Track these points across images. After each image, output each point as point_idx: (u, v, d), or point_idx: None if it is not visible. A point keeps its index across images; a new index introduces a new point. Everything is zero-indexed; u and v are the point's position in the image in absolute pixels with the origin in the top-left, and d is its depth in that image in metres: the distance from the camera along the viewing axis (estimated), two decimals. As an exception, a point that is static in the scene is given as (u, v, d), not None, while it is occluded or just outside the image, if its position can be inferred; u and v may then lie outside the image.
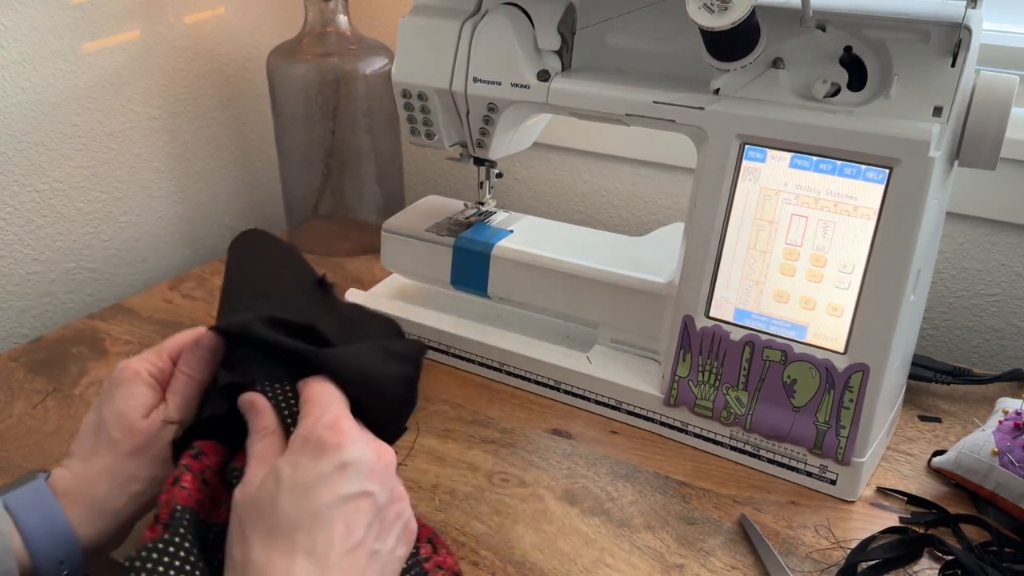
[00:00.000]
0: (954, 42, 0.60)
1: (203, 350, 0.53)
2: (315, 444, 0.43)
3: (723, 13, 0.58)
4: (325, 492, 0.42)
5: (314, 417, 0.45)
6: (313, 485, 0.42)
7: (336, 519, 0.41)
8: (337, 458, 0.43)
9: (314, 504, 0.41)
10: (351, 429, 0.45)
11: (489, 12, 0.75)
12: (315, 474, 0.42)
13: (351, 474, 0.43)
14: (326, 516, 0.41)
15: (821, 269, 0.65)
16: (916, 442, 0.74)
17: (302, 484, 0.42)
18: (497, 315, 0.86)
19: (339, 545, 0.41)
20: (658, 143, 1.01)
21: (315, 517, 0.41)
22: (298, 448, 0.44)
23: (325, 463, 0.43)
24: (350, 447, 0.43)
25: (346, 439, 0.44)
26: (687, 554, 0.61)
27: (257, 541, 0.41)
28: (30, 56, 0.87)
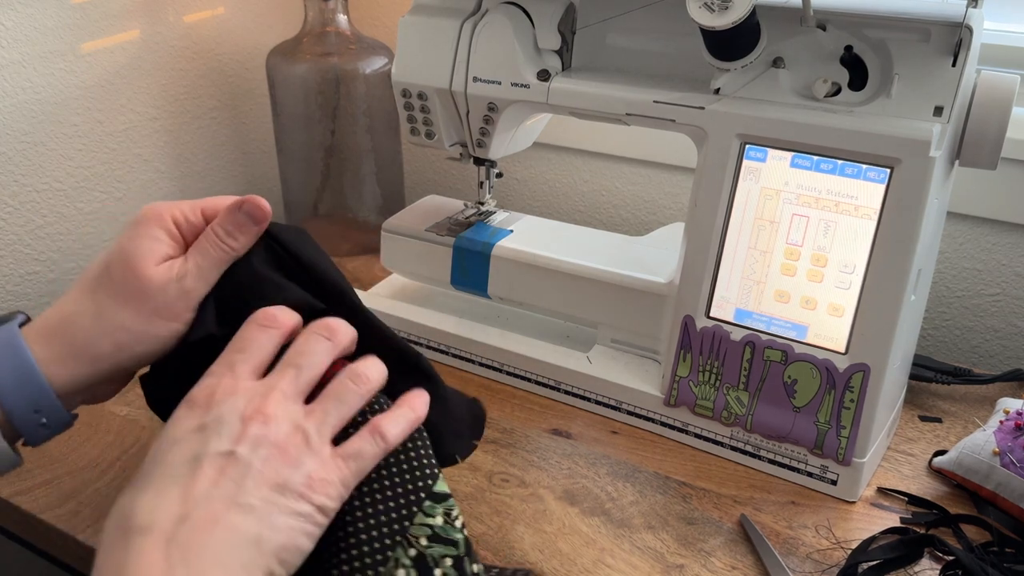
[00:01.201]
0: (955, 41, 0.60)
1: (245, 216, 0.49)
2: (185, 405, 0.43)
3: (723, 12, 0.58)
4: (182, 450, 0.41)
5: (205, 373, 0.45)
6: (175, 441, 0.42)
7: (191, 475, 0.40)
8: (199, 418, 0.42)
9: (171, 458, 0.41)
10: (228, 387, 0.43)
11: (489, 11, 0.75)
12: (180, 431, 0.42)
13: (211, 434, 0.41)
14: (178, 471, 0.41)
15: (822, 269, 0.65)
16: (917, 442, 0.74)
17: (168, 440, 0.42)
18: (497, 315, 0.86)
19: (193, 497, 0.39)
20: (658, 143, 1.01)
21: (168, 471, 0.41)
22: (179, 407, 0.44)
23: (188, 423, 0.42)
24: (216, 408, 0.42)
25: (214, 399, 0.43)
26: (687, 554, 0.61)
27: (123, 494, 0.41)
28: (30, 56, 0.87)
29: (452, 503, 0.47)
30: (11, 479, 0.66)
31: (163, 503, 0.39)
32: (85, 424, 0.73)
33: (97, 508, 0.63)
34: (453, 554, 0.45)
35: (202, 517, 0.39)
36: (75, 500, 0.64)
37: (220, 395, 0.43)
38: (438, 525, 0.45)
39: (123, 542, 0.38)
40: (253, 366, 0.45)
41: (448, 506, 0.46)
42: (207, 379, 0.44)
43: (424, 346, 0.85)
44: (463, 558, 0.45)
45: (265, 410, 0.42)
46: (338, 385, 0.46)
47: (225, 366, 0.44)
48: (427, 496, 0.46)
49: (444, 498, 0.46)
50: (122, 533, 0.39)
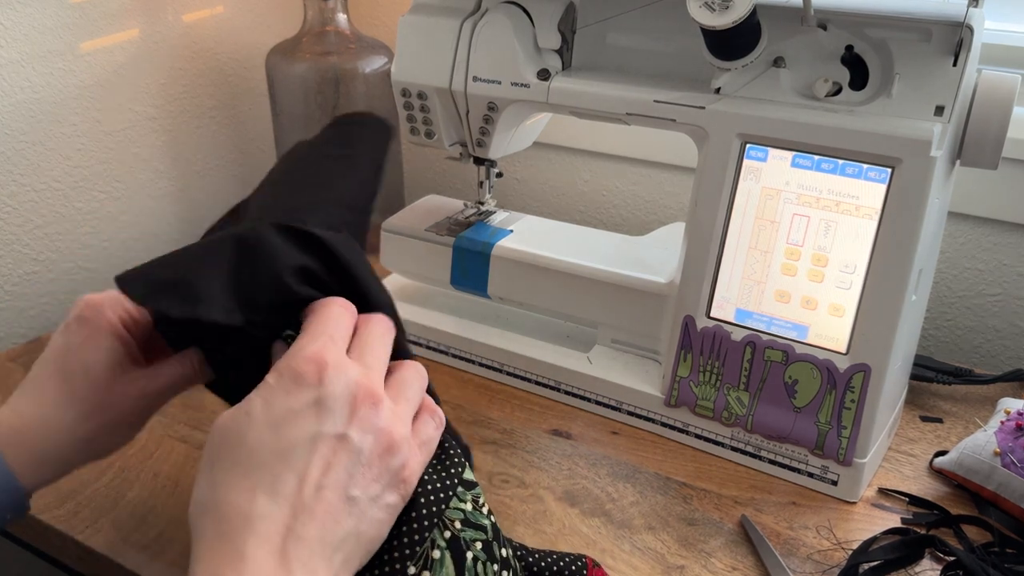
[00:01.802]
0: (956, 41, 0.60)
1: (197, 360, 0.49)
2: (291, 377, 0.40)
3: (724, 12, 0.58)
4: (295, 429, 0.39)
5: (299, 346, 0.41)
6: (283, 421, 0.39)
7: (307, 458, 0.38)
8: (312, 393, 0.39)
9: (282, 441, 0.38)
10: (337, 362, 0.40)
11: (489, 11, 0.75)
12: (286, 409, 0.39)
13: (326, 413, 0.39)
14: (295, 454, 0.38)
15: (823, 269, 0.65)
16: (918, 443, 0.74)
17: (272, 419, 0.39)
18: (497, 315, 0.86)
19: (310, 486, 0.38)
20: (659, 142, 1.01)
21: (282, 455, 0.38)
22: (274, 380, 0.40)
23: (298, 398, 0.39)
24: (330, 383, 0.39)
25: (327, 373, 0.40)
26: (688, 555, 0.61)
27: (221, 475, 0.38)
28: (29, 55, 0.87)
29: (479, 491, 0.47)
30: (10, 480, 0.66)
31: (282, 491, 0.38)
32: (84, 424, 0.73)
33: (96, 509, 0.63)
34: (482, 538, 0.45)
35: (317, 510, 0.38)
36: (74, 500, 0.64)
37: (331, 369, 0.40)
38: (468, 510, 0.46)
39: (240, 530, 0.37)
40: (347, 340, 0.43)
41: (476, 493, 0.47)
42: (311, 347, 0.41)
43: (424, 346, 0.85)
44: (491, 543, 0.46)
45: (375, 390, 0.41)
46: (412, 373, 0.45)
47: (327, 338, 0.41)
48: (459, 483, 0.46)
49: (472, 485, 0.47)
50: (239, 520, 0.37)
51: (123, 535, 0.61)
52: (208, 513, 0.38)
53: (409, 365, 0.45)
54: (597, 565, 0.53)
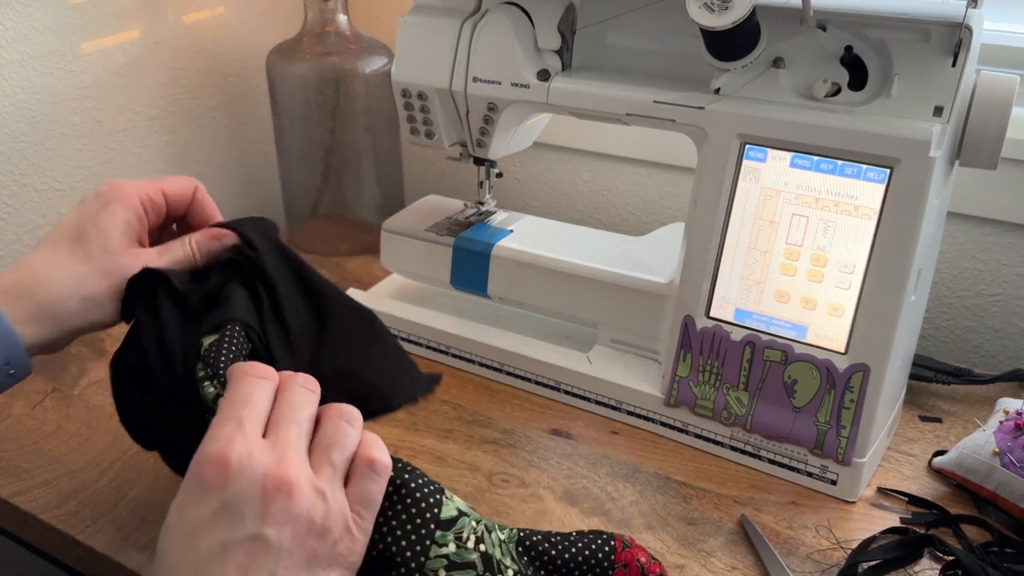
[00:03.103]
0: (955, 42, 0.60)
1: (220, 247, 0.54)
2: (196, 483, 0.38)
3: (723, 12, 0.58)
4: (205, 540, 0.37)
5: (207, 439, 0.39)
6: (194, 533, 0.37)
7: (219, 570, 0.36)
8: (217, 499, 0.37)
9: (195, 554, 0.37)
10: (241, 457, 0.38)
11: (489, 11, 0.75)
12: (195, 520, 0.37)
13: (234, 517, 0.37)
14: (208, 568, 0.37)
15: (822, 269, 0.65)
16: (917, 442, 0.74)
17: (184, 532, 0.38)
18: (497, 315, 0.86)
19: None
20: (658, 143, 1.01)
21: (197, 570, 0.37)
22: (184, 489, 0.39)
23: (205, 506, 0.37)
24: (234, 483, 0.37)
25: (230, 474, 0.37)
26: (688, 555, 0.61)
27: None
28: (29, 56, 0.87)
29: (463, 523, 0.46)
30: (11, 479, 0.66)
31: None
32: (84, 424, 0.73)
33: (96, 508, 0.63)
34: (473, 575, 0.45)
35: None
36: (74, 500, 0.64)
37: (236, 465, 0.38)
38: (452, 552, 0.44)
39: None
40: (260, 421, 0.41)
41: (459, 528, 0.45)
42: (216, 443, 0.39)
43: (424, 346, 0.85)
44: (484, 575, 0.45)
45: (287, 478, 0.38)
46: (335, 431, 0.42)
47: (234, 424, 0.40)
48: (437, 525, 0.45)
49: (452, 523, 0.45)
50: None
51: (124, 535, 0.61)
52: None
53: (333, 417, 0.43)
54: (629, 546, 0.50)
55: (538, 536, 0.50)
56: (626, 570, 0.49)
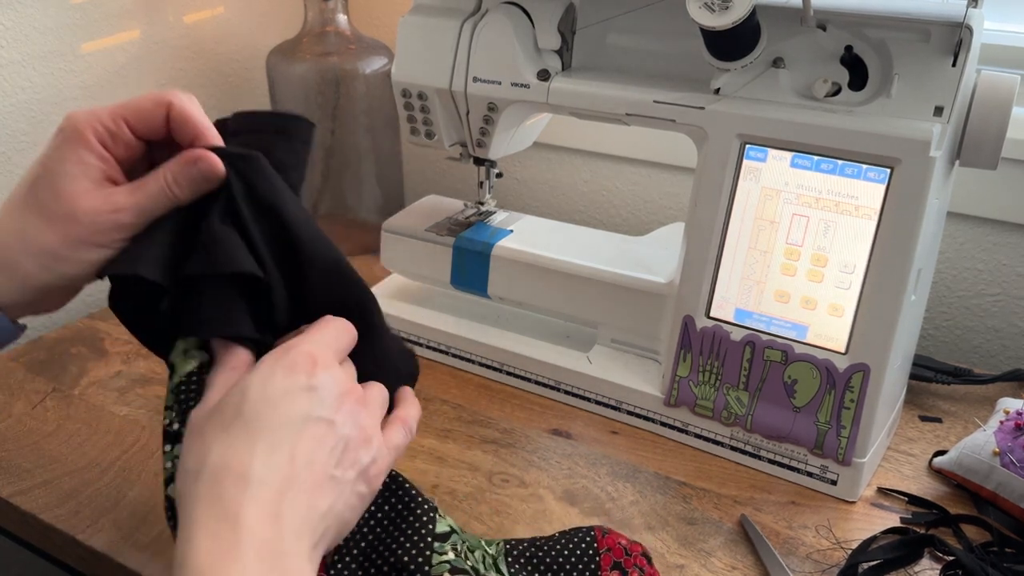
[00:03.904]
0: (955, 41, 0.60)
1: (199, 173, 0.46)
2: (287, 364, 0.43)
3: (724, 12, 0.58)
4: (290, 407, 0.41)
5: (295, 342, 0.44)
6: (279, 398, 0.41)
7: (299, 432, 0.41)
8: (305, 380, 0.42)
9: (280, 415, 0.41)
10: (327, 363, 0.44)
11: (489, 11, 0.75)
12: (282, 389, 0.42)
13: (318, 399, 0.42)
14: (288, 429, 0.41)
15: (822, 269, 0.65)
16: (917, 442, 0.74)
17: (269, 396, 0.41)
18: (497, 315, 0.86)
19: (300, 458, 0.41)
20: (658, 143, 1.01)
21: (277, 428, 0.41)
22: (270, 365, 0.43)
23: (294, 381, 0.42)
24: (319, 376, 0.43)
25: (317, 369, 0.43)
26: (687, 554, 0.61)
27: (216, 446, 0.40)
28: (30, 56, 0.87)
29: (454, 539, 0.49)
30: (11, 479, 0.66)
31: (276, 459, 0.40)
32: (84, 424, 0.73)
33: (97, 508, 0.63)
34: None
35: (306, 480, 0.40)
36: (75, 500, 0.64)
37: (322, 365, 0.43)
38: (452, 559, 0.48)
39: (237, 491, 0.39)
40: (341, 358, 0.46)
41: (454, 542, 0.49)
42: (306, 345, 0.44)
43: (424, 346, 0.85)
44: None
45: (359, 392, 0.45)
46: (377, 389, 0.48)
47: (323, 345, 0.45)
48: (433, 539, 0.48)
49: (446, 536, 0.49)
50: (235, 481, 0.39)
51: (124, 534, 0.61)
52: (202, 479, 0.40)
53: (376, 386, 0.48)
54: (607, 532, 0.54)
55: (524, 544, 0.52)
56: (611, 554, 0.52)
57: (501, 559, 0.52)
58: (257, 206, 0.47)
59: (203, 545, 0.37)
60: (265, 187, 0.47)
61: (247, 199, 0.47)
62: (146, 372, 0.81)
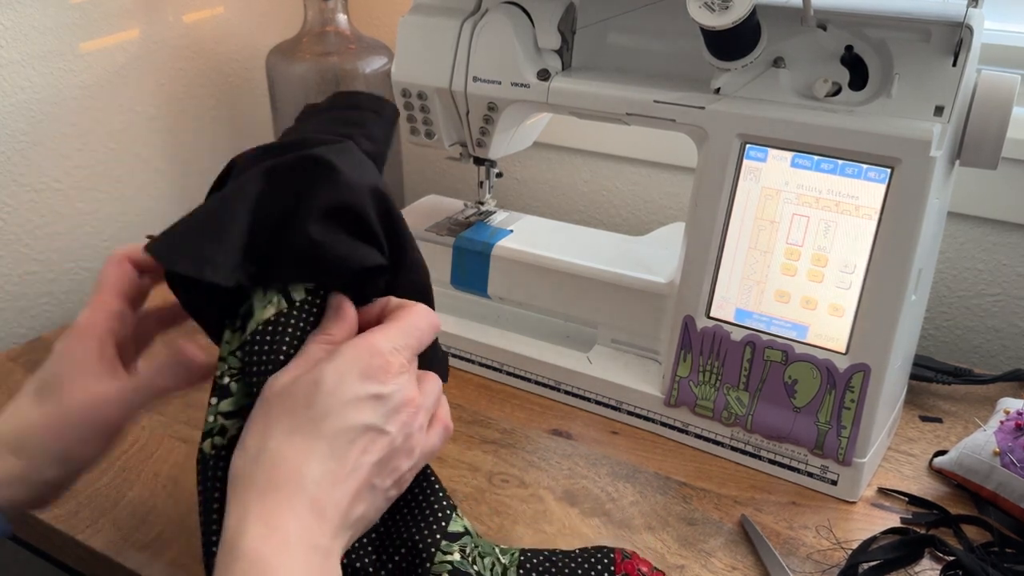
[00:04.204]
0: (955, 41, 0.60)
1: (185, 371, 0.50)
2: (365, 368, 0.43)
3: (724, 12, 0.58)
4: (357, 414, 0.42)
5: (390, 335, 0.45)
6: (350, 403, 0.42)
7: (355, 440, 0.42)
8: (376, 388, 0.43)
9: (345, 420, 0.42)
10: (404, 369, 0.45)
11: (489, 11, 0.75)
12: (354, 394, 0.43)
13: (382, 408, 0.43)
14: (351, 435, 0.42)
15: (822, 269, 0.65)
16: (917, 442, 0.74)
17: (341, 397, 0.42)
18: (497, 315, 0.86)
19: (351, 464, 0.42)
20: (658, 142, 1.01)
21: (341, 432, 0.42)
22: (348, 361, 0.43)
23: (367, 387, 0.43)
24: (393, 384, 0.44)
25: (395, 377, 0.44)
26: (688, 555, 0.61)
27: (279, 433, 0.42)
28: (29, 55, 0.87)
29: (467, 540, 0.49)
30: (10, 479, 0.66)
31: (332, 463, 0.41)
32: (84, 424, 0.73)
33: (96, 508, 0.63)
34: None
35: (351, 487, 0.42)
36: (74, 500, 0.64)
37: (396, 371, 0.44)
38: (456, 561, 0.48)
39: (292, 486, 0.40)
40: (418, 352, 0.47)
41: (463, 543, 0.49)
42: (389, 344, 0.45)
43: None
44: None
45: (417, 401, 0.45)
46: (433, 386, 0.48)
47: (404, 344, 0.45)
48: (443, 536, 0.48)
49: (458, 536, 0.49)
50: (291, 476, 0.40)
51: (124, 535, 0.61)
52: (261, 463, 0.41)
53: (433, 378, 0.48)
54: (629, 557, 0.53)
55: (540, 556, 0.51)
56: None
57: (513, 570, 0.51)
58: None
59: (256, 532, 0.39)
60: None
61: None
62: (146, 372, 0.81)
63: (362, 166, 0.48)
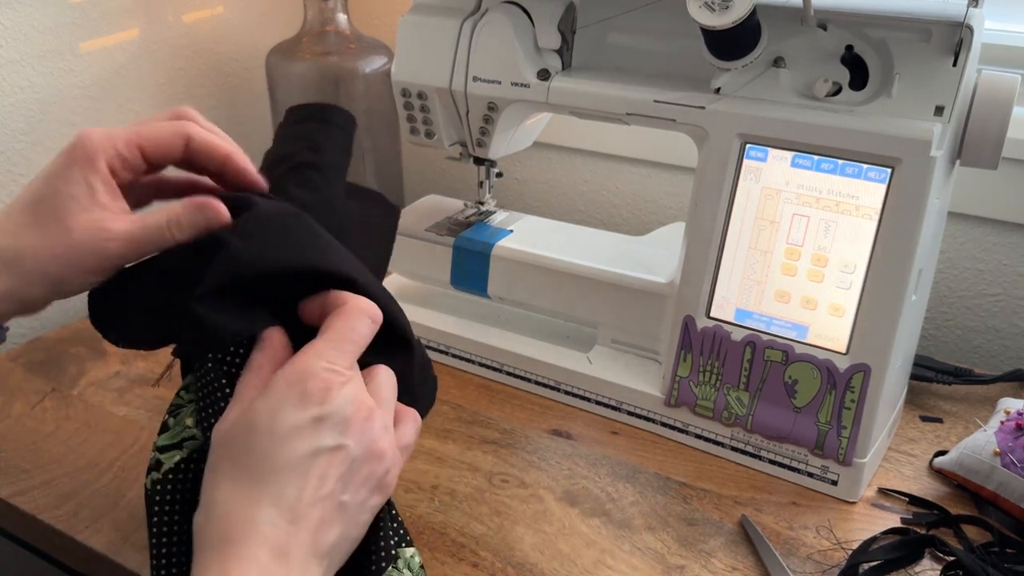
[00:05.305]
0: (956, 41, 0.60)
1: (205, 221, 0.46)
2: (298, 393, 0.41)
3: (724, 12, 0.58)
4: (299, 444, 0.40)
5: (315, 353, 0.43)
6: (288, 435, 0.41)
7: (307, 470, 0.40)
8: (316, 410, 0.41)
9: (287, 455, 0.40)
10: (343, 381, 0.42)
11: (489, 11, 0.74)
12: (291, 424, 0.41)
13: (327, 427, 0.41)
14: (297, 467, 0.40)
15: (822, 269, 0.65)
16: (918, 442, 0.74)
17: (277, 433, 0.41)
18: (497, 315, 0.86)
19: (308, 496, 0.40)
20: (659, 142, 1.01)
21: (286, 468, 0.40)
22: (280, 394, 0.41)
23: (303, 413, 0.41)
24: (332, 400, 0.41)
25: (331, 393, 0.41)
26: (688, 555, 0.61)
27: (225, 483, 0.40)
28: (29, 55, 0.87)
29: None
30: (10, 479, 0.66)
31: (285, 501, 0.40)
32: (84, 424, 0.73)
33: (96, 509, 0.63)
34: None
35: (314, 518, 0.40)
36: (74, 501, 0.64)
37: (336, 387, 0.42)
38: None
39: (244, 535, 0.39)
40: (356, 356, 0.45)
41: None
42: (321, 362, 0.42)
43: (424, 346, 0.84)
44: None
45: (369, 405, 0.43)
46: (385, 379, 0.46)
47: (339, 354, 0.43)
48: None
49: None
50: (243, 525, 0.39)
51: (123, 535, 0.61)
52: (213, 518, 0.40)
53: (384, 370, 0.46)
54: None
55: None
56: None
57: None
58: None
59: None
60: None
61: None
62: (145, 372, 0.81)
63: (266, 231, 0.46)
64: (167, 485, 0.47)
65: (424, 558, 0.60)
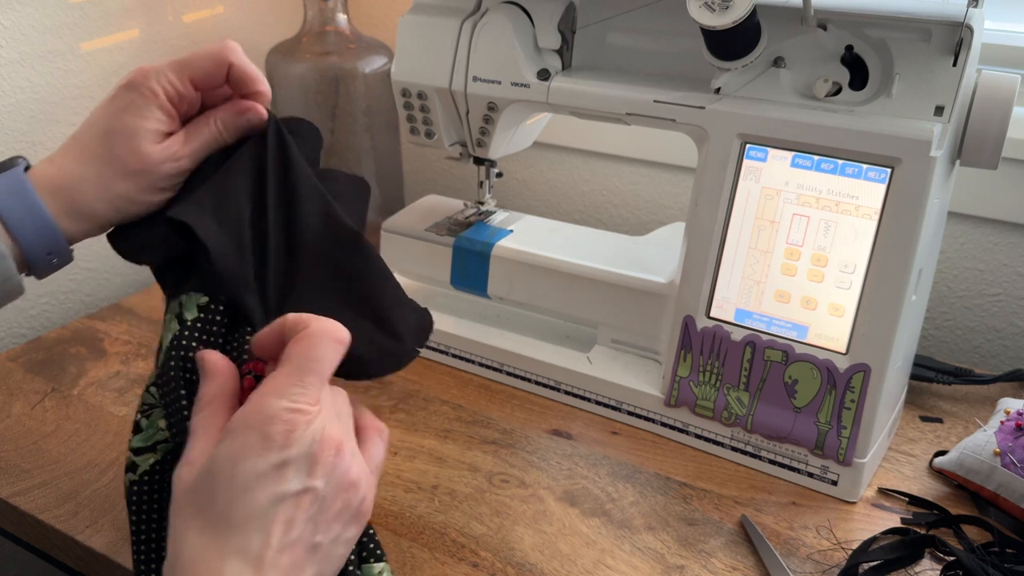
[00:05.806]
0: (955, 41, 0.60)
1: (247, 122, 0.52)
2: (259, 438, 0.40)
3: (724, 12, 0.58)
4: (262, 492, 0.39)
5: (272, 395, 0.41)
6: (251, 484, 0.39)
7: (271, 519, 0.39)
8: (278, 456, 0.39)
9: (250, 505, 0.39)
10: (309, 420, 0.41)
11: (489, 11, 0.74)
12: (253, 472, 0.39)
13: (292, 471, 0.39)
14: (262, 517, 0.39)
15: (822, 269, 0.65)
16: (918, 443, 0.74)
17: (239, 481, 0.39)
18: (497, 315, 0.86)
19: (275, 543, 0.39)
20: (659, 142, 1.01)
21: (250, 518, 0.39)
22: (239, 441, 0.40)
23: (264, 460, 0.39)
24: (296, 442, 0.40)
25: (294, 435, 0.40)
26: (688, 555, 0.61)
27: (191, 532, 0.39)
28: (29, 55, 0.87)
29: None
30: (10, 479, 0.66)
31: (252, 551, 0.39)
32: (84, 424, 0.73)
33: (96, 509, 0.63)
34: None
35: (283, 565, 0.39)
36: (74, 501, 0.64)
37: (300, 428, 0.40)
38: None
39: None
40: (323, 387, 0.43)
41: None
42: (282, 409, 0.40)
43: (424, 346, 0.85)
44: None
45: (336, 439, 0.42)
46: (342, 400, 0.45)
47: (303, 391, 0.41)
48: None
49: None
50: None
51: (123, 535, 0.61)
52: (179, 570, 0.39)
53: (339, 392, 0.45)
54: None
55: None
56: None
57: None
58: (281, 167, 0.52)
59: None
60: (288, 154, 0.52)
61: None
62: (144, 372, 0.81)
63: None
64: (143, 486, 0.48)
65: (424, 558, 0.60)
